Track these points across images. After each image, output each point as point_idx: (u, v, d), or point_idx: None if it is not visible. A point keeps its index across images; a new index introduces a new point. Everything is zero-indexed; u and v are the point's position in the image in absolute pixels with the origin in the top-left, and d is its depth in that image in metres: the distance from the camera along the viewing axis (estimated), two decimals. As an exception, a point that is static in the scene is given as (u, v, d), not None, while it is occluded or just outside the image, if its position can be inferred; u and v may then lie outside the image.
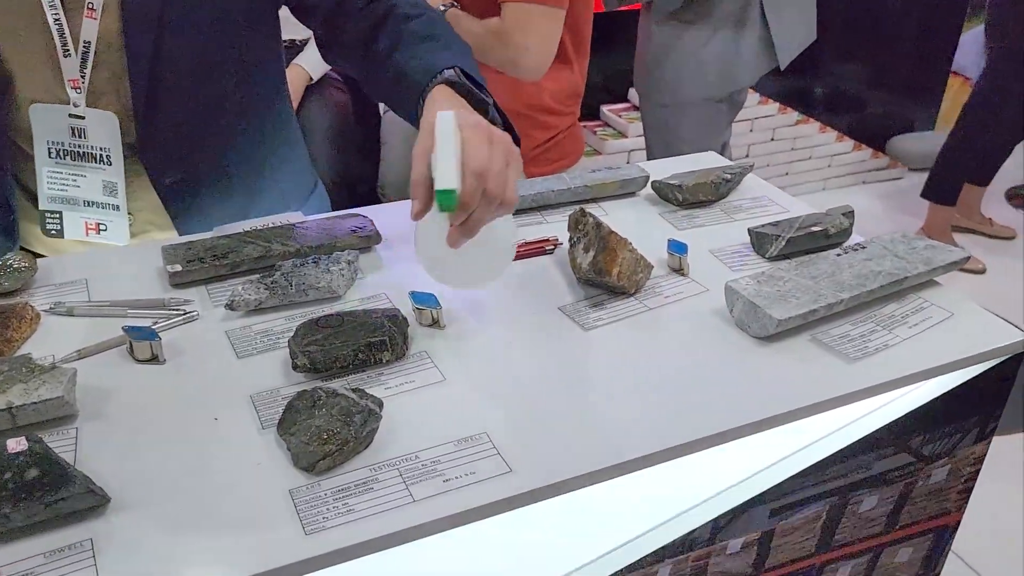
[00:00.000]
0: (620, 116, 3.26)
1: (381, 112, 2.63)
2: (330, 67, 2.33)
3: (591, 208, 1.15)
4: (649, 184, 1.19)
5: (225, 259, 0.95)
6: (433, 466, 0.71)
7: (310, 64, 2.22)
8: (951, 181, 3.10)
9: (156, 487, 0.68)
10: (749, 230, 1.06)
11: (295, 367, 0.80)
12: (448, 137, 0.78)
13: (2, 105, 0.98)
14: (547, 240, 1.05)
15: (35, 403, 0.71)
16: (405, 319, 0.87)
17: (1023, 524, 2.02)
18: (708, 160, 1.31)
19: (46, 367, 0.75)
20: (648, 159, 2.25)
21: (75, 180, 1.03)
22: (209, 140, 1.07)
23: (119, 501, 0.66)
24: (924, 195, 3.14)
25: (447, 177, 0.75)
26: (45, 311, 0.89)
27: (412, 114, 0.92)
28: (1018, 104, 2.95)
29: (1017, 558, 1.93)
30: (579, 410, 0.78)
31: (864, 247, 0.99)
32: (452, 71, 0.91)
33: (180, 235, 1.08)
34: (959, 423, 0.94)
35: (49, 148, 1.01)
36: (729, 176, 1.17)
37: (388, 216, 1.10)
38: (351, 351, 0.81)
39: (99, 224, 1.05)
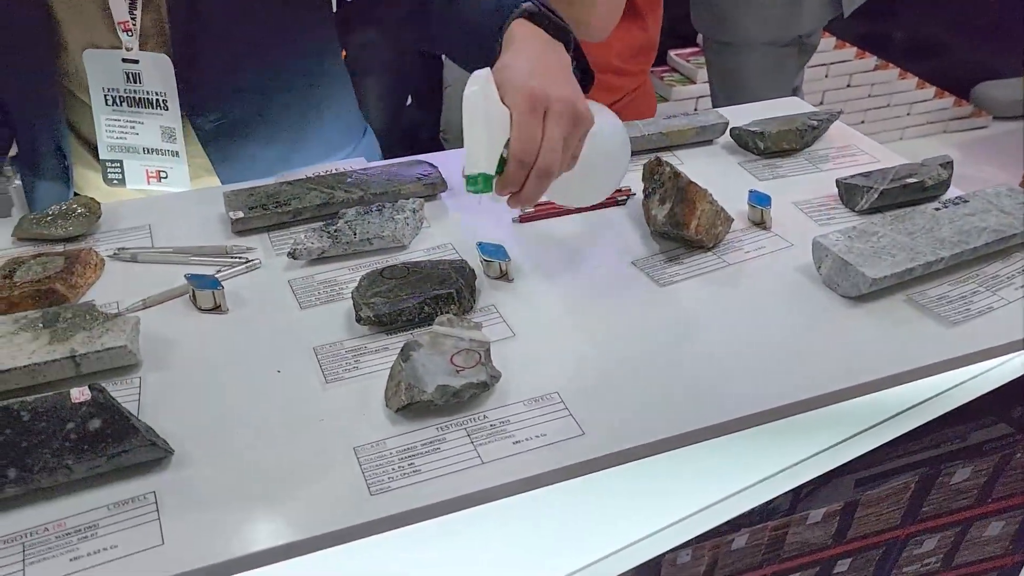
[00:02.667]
0: (688, 61, 3.14)
1: (443, 55, 2.56)
2: None
3: (665, 157, 1.09)
4: (728, 131, 1.12)
5: (287, 206, 0.92)
6: (502, 427, 0.68)
7: None
8: None
9: (219, 441, 0.66)
10: (838, 181, 0.99)
11: (359, 319, 0.77)
12: (477, 108, 0.72)
13: (51, 50, 0.96)
14: (619, 191, 1.00)
15: (98, 351, 0.70)
16: (473, 271, 0.83)
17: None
18: (790, 106, 1.23)
19: (110, 315, 0.73)
20: (713, 107, 2.16)
21: (133, 127, 1.00)
22: (249, 84, 1.02)
23: (182, 454, 0.65)
24: None
25: (477, 159, 0.72)
26: (109, 257, 0.88)
27: (489, 61, 0.82)
28: None
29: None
30: (654, 371, 0.74)
31: (966, 201, 0.92)
32: (528, 2, 0.82)
33: (222, 181, 1.05)
34: (1065, 393, 0.87)
35: (105, 95, 0.99)
36: (815, 123, 1.10)
37: (454, 163, 1.06)
38: (417, 304, 0.77)
39: (160, 172, 1.03)
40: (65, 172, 1.04)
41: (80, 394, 0.63)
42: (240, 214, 0.91)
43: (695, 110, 3.28)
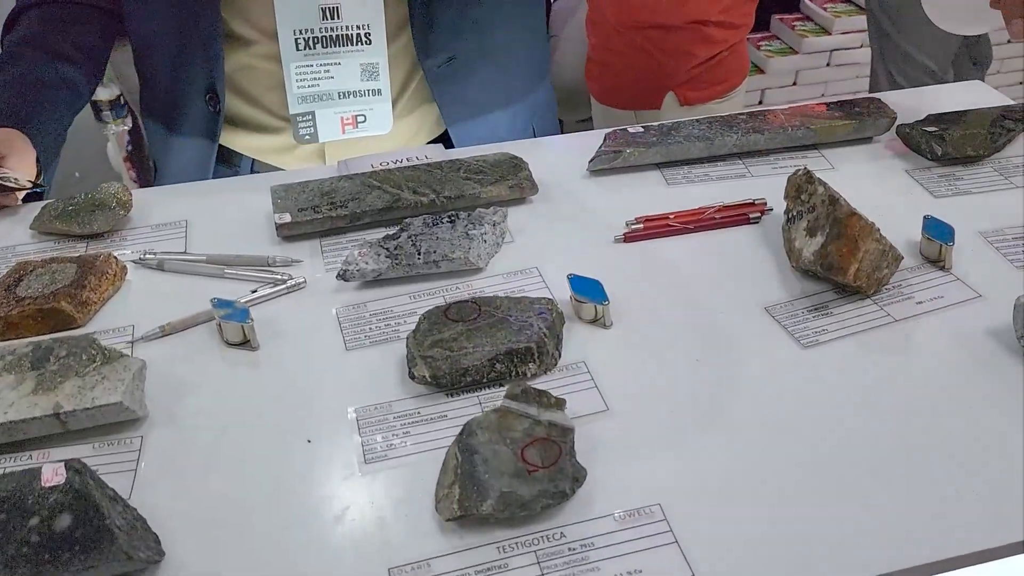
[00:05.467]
0: (825, 9, 2.81)
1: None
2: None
3: (811, 158, 0.88)
4: (894, 129, 0.89)
5: (344, 208, 0.77)
6: (584, 552, 0.51)
7: None
8: None
9: (222, 537, 0.52)
10: (1043, 208, 0.76)
11: (412, 376, 0.61)
12: None
13: None
14: (751, 204, 0.80)
15: (88, 408, 0.56)
16: (561, 315, 0.66)
17: None
18: (971, 92, 0.99)
19: (111, 355, 0.60)
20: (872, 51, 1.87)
21: (327, 71, 0.89)
22: (480, 17, 0.92)
23: (175, 555, 0.51)
24: None
25: None
26: (132, 262, 0.75)
27: None
28: None
29: None
30: (801, 482, 0.55)
31: None
32: None
33: (447, 124, 0.95)
34: None
35: (296, 39, 0.86)
36: (1012, 124, 0.86)
37: (549, 154, 0.88)
38: (486, 361, 0.61)
39: (356, 116, 0.92)
40: (214, 122, 0.92)
41: (53, 474, 0.50)
42: (287, 217, 0.76)
43: (827, 64, 2.96)
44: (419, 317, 0.65)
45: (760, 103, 2.87)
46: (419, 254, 0.71)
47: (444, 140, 0.96)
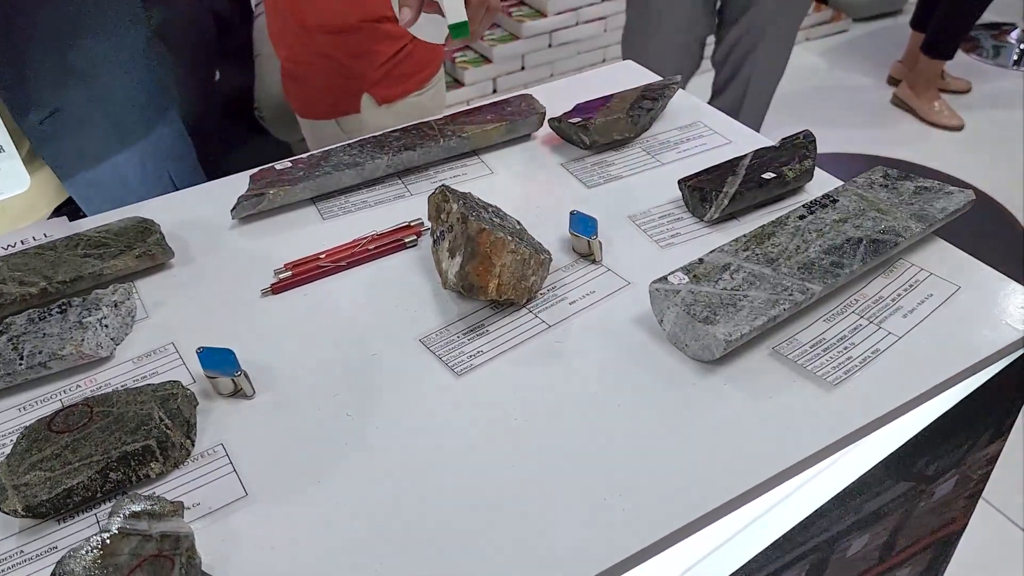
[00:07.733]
0: (540, -10, 2.88)
1: (254, 14, 2.22)
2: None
3: (471, 165, 0.86)
4: (546, 123, 0.89)
5: (-68, 319, 0.66)
6: (213, 677, 0.45)
7: None
8: (955, 37, 2.88)
9: None
10: (681, 184, 0.78)
11: (3, 512, 0.52)
12: None
13: None
14: (407, 226, 0.77)
15: None
16: (190, 397, 0.59)
17: None
18: (625, 73, 1.01)
19: None
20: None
21: None
22: (79, 64, 0.83)
23: None
24: (925, 51, 2.89)
25: (457, 10, 0.76)
26: None
27: None
28: None
29: None
30: (473, 528, 0.52)
31: (835, 200, 0.73)
32: None
33: (64, 181, 0.85)
34: (972, 430, 0.71)
35: None
36: (651, 101, 0.88)
37: (190, 207, 0.80)
38: (95, 474, 0.53)
39: None
40: None
41: None
42: None
43: (549, 45, 3.04)
44: (17, 436, 0.56)
45: (494, 91, 2.91)
46: (21, 358, 0.61)
47: None
